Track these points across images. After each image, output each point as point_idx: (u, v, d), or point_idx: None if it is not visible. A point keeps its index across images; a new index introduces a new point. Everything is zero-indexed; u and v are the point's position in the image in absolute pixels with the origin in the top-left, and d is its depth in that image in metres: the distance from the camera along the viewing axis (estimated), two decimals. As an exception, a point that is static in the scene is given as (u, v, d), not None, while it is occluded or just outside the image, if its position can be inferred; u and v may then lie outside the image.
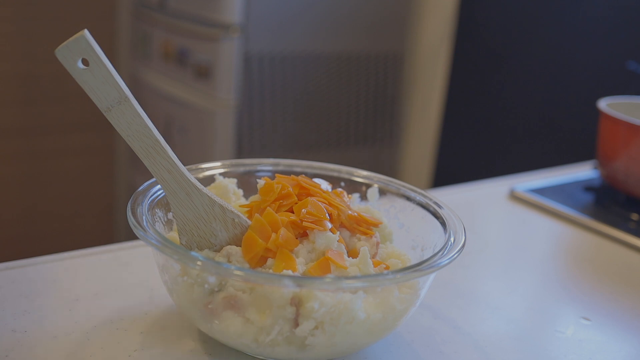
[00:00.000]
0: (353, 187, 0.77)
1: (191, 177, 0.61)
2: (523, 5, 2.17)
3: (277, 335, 0.57)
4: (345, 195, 0.71)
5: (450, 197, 1.10)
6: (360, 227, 0.67)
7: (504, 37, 2.22)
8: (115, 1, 2.58)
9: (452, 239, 0.64)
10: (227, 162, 0.76)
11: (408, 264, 0.66)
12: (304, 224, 0.62)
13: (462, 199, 1.12)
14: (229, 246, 0.62)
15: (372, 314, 0.58)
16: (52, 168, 2.57)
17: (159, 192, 0.68)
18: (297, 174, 0.77)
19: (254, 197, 0.69)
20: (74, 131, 2.57)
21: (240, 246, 0.62)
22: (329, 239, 0.62)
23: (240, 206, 0.67)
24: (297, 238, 0.62)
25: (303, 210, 0.63)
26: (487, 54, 2.26)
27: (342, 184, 0.77)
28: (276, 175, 0.69)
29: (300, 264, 0.60)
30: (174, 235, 0.67)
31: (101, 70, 0.55)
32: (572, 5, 2.06)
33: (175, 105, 2.17)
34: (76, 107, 2.52)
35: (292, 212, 0.64)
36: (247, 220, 0.64)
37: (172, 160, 0.60)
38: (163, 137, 0.60)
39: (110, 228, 2.77)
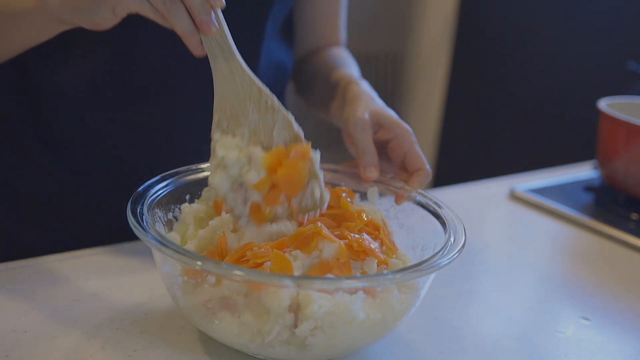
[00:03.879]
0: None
1: (239, 56, 0.62)
2: (523, 5, 2.17)
3: (275, 337, 0.57)
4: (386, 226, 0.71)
5: (450, 197, 1.10)
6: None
7: (504, 37, 2.22)
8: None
9: (452, 239, 0.64)
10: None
11: (408, 264, 0.66)
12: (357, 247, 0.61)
13: (462, 199, 1.12)
14: (252, 149, 0.60)
15: (371, 314, 0.58)
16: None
17: (159, 192, 0.68)
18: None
19: None
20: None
21: (268, 131, 0.61)
22: (334, 249, 0.61)
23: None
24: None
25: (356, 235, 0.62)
26: (487, 54, 2.26)
27: (343, 184, 0.77)
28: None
29: (298, 269, 0.60)
30: (174, 235, 0.67)
31: None
32: (572, 5, 2.06)
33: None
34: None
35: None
36: (280, 104, 0.63)
37: (225, 36, 0.60)
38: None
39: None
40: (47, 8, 0.66)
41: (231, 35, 0.63)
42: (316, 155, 0.61)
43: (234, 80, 0.62)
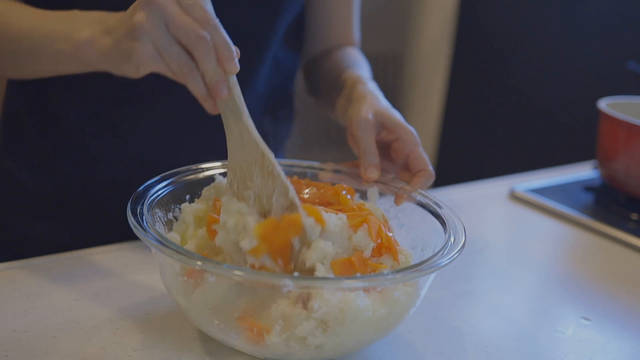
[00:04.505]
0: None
1: (248, 120, 0.64)
2: (523, 5, 2.17)
3: (277, 337, 0.57)
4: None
5: (450, 197, 1.10)
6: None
7: (504, 37, 2.22)
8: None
9: (452, 239, 0.64)
10: (227, 162, 0.76)
11: (410, 260, 0.66)
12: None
13: (462, 199, 1.12)
14: (249, 217, 0.62)
15: (373, 311, 0.58)
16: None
17: (159, 192, 0.68)
18: (297, 174, 0.77)
19: None
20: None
21: (269, 196, 0.63)
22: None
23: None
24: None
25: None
26: (487, 54, 2.26)
27: (344, 183, 0.77)
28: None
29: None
30: (174, 235, 0.67)
31: None
32: (572, 5, 2.06)
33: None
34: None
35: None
36: (282, 174, 0.64)
37: (236, 101, 0.63)
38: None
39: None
40: (81, 54, 0.68)
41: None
42: (309, 222, 0.62)
43: (243, 143, 0.65)
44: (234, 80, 0.63)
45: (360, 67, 0.93)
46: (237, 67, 0.62)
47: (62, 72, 0.76)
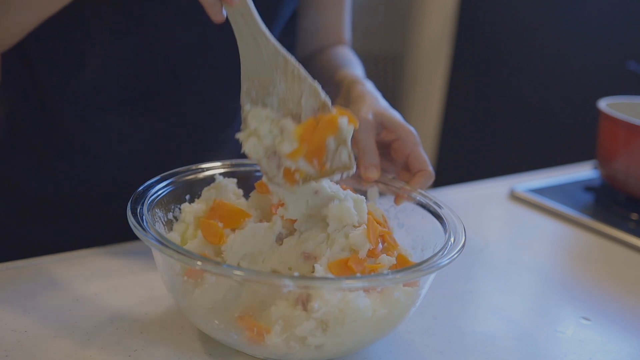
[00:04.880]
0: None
1: (263, 26, 0.63)
2: (523, 5, 2.17)
3: (276, 338, 0.57)
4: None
5: (450, 197, 1.10)
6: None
7: (504, 37, 2.22)
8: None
9: (452, 239, 0.64)
10: (227, 162, 0.76)
11: (411, 260, 0.66)
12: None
13: (462, 199, 1.12)
14: (285, 120, 0.62)
15: (373, 311, 0.58)
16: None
17: (158, 192, 0.68)
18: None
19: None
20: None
21: (296, 101, 0.63)
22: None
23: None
24: None
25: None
26: (487, 54, 2.26)
27: (342, 183, 0.77)
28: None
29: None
30: (174, 235, 0.67)
31: None
32: (572, 5, 2.06)
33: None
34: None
35: None
36: (306, 72, 0.64)
37: (248, 6, 0.62)
38: None
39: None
40: None
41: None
42: (344, 121, 0.62)
43: (260, 50, 0.63)
44: None
45: (354, 66, 0.94)
46: None
47: (35, 15, 0.71)
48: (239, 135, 0.65)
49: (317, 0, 0.99)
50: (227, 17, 0.63)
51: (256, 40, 0.63)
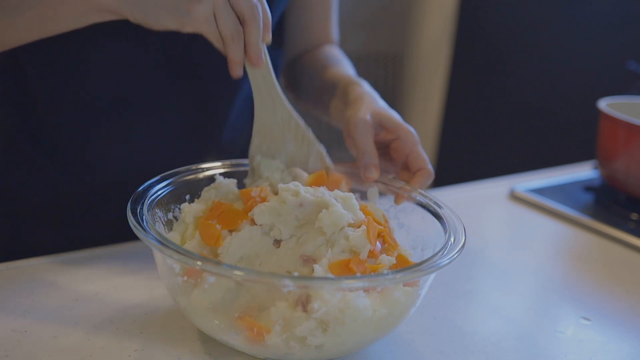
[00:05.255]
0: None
1: (280, 89, 0.70)
2: (523, 5, 2.17)
3: (276, 338, 0.57)
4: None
5: (450, 197, 1.10)
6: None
7: (504, 37, 2.22)
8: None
9: (452, 239, 0.64)
10: (227, 162, 0.76)
11: (411, 260, 0.66)
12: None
13: (462, 199, 1.12)
14: (297, 169, 0.71)
15: (373, 311, 0.58)
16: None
17: (159, 192, 0.68)
18: (297, 174, 0.77)
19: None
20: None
21: (303, 161, 0.72)
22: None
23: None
24: None
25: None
26: (487, 54, 2.26)
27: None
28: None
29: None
30: (174, 235, 0.67)
31: None
32: (572, 6, 2.06)
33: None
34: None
35: None
36: (315, 139, 0.73)
37: (269, 69, 0.69)
38: None
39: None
40: None
41: None
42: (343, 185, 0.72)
43: (275, 110, 0.71)
44: (266, 51, 0.68)
45: (345, 66, 0.94)
46: (271, 38, 0.67)
47: (58, 24, 0.70)
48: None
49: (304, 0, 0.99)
50: (246, 73, 0.68)
51: (274, 101, 0.70)
